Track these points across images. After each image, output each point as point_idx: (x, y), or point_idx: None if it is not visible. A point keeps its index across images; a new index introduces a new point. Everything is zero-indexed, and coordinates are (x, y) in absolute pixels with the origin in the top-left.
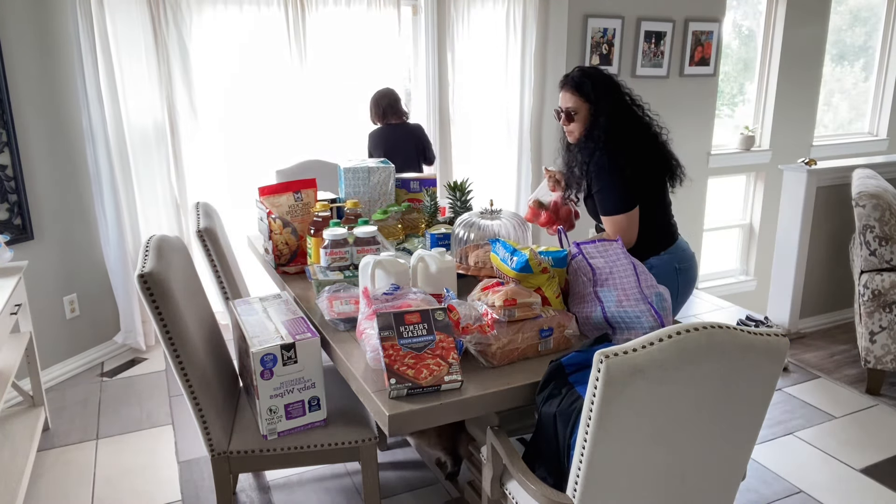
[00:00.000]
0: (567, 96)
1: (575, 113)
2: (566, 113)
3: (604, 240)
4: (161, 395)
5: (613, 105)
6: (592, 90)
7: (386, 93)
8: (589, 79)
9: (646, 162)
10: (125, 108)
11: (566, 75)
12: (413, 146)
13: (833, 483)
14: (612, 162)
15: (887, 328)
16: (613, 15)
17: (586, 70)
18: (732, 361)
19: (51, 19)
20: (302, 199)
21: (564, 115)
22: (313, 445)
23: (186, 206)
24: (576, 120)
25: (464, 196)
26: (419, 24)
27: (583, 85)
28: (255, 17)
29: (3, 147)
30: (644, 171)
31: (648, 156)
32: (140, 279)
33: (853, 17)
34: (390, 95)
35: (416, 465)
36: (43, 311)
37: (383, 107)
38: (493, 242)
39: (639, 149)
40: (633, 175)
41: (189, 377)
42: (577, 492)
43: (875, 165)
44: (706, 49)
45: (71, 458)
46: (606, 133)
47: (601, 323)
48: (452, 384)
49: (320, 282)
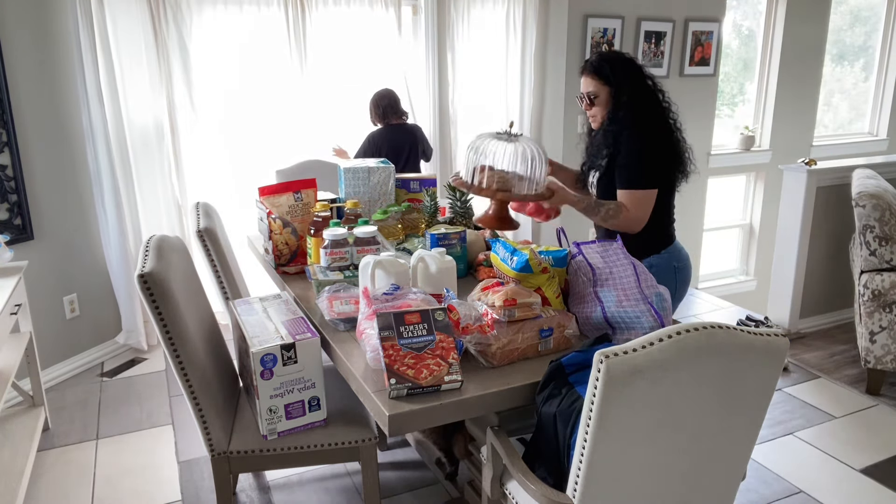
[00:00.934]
0: (587, 81)
1: (595, 97)
2: (587, 97)
3: (603, 240)
4: (161, 395)
5: (634, 86)
6: (612, 73)
7: (385, 93)
8: (608, 62)
9: (666, 150)
10: (125, 108)
11: (586, 60)
12: (414, 146)
13: (833, 483)
14: (640, 140)
15: (887, 328)
16: (613, 15)
17: (605, 54)
18: (732, 361)
19: (51, 19)
20: (302, 199)
21: (586, 99)
22: (313, 445)
23: (186, 206)
24: (597, 104)
25: (463, 196)
26: (419, 24)
27: (601, 68)
28: (256, 17)
29: (3, 147)
30: (664, 159)
31: (668, 144)
32: (140, 279)
33: (853, 16)
34: (390, 96)
35: (416, 465)
36: (43, 311)
37: (383, 107)
38: (493, 242)
39: (662, 133)
40: (656, 159)
41: (189, 377)
42: (577, 492)
43: (875, 165)
44: (706, 49)
45: (71, 458)
46: (631, 112)
47: (601, 323)
48: (452, 384)
49: (320, 282)
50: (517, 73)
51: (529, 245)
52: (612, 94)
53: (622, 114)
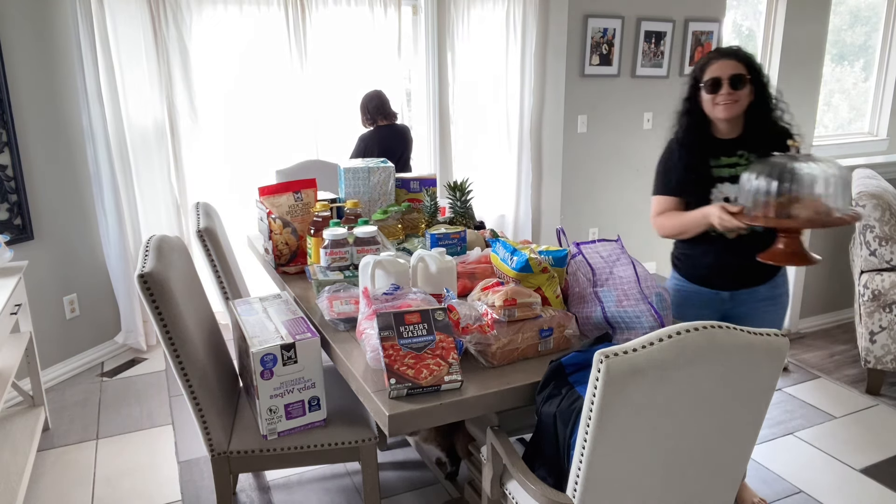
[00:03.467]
0: (729, 63)
1: (742, 79)
2: (734, 79)
3: (604, 240)
4: (161, 395)
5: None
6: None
7: (374, 95)
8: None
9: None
10: (125, 108)
11: (722, 48)
12: (405, 146)
13: (833, 483)
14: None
15: (887, 328)
16: (613, 15)
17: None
18: (732, 361)
19: (51, 19)
20: (302, 199)
21: (729, 81)
22: (313, 445)
23: (186, 206)
24: (740, 88)
25: (463, 196)
26: (419, 24)
27: (741, 51)
28: (256, 17)
29: (3, 147)
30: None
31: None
32: (140, 279)
33: (853, 16)
34: (379, 97)
35: (416, 465)
36: (43, 311)
37: (371, 109)
38: (492, 242)
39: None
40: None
41: (189, 377)
42: (577, 492)
43: (875, 165)
44: (706, 49)
45: (71, 458)
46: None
47: (601, 323)
48: (452, 384)
49: (320, 282)
50: (517, 73)
51: (529, 245)
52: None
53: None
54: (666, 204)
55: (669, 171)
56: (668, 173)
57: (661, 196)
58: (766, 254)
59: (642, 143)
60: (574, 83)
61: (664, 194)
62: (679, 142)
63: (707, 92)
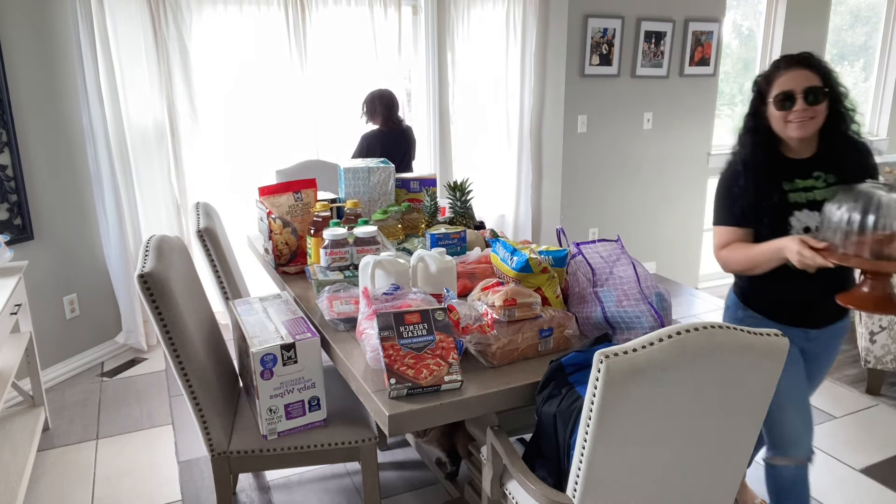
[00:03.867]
0: (801, 74)
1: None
2: (809, 92)
3: (604, 240)
4: (161, 395)
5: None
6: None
7: (383, 94)
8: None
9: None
10: (125, 108)
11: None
12: (408, 149)
13: (833, 483)
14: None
15: (887, 328)
16: (613, 15)
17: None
18: (732, 361)
19: (51, 19)
20: (302, 199)
21: (803, 95)
22: (313, 445)
23: (186, 206)
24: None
25: (463, 196)
26: (419, 24)
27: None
28: (256, 17)
29: (3, 147)
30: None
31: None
32: (140, 279)
33: (853, 16)
34: (389, 98)
35: (416, 465)
36: (43, 311)
37: (381, 108)
38: (492, 242)
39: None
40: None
41: (189, 377)
42: (577, 492)
43: None
44: (706, 49)
45: (71, 458)
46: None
47: (601, 323)
48: (452, 384)
49: (320, 282)
50: (517, 73)
51: (529, 245)
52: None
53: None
54: (732, 235)
55: (735, 197)
56: (733, 200)
57: (725, 227)
58: (848, 296)
59: (642, 143)
60: (574, 83)
61: (729, 225)
62: (745, 164)
63: (777, 108)
